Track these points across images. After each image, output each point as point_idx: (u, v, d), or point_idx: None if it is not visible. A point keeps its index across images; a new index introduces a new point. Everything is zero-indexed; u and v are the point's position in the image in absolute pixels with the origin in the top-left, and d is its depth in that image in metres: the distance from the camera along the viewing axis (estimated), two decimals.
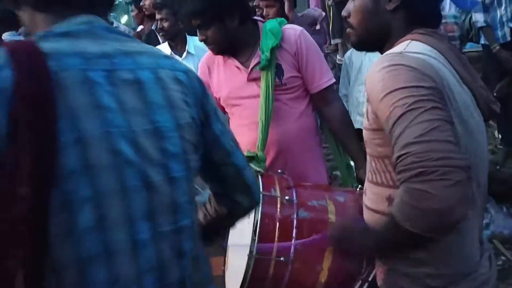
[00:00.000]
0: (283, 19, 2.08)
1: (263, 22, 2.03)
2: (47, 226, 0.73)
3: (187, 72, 0.95)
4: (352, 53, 3.23)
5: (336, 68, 5.31)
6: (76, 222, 0.75)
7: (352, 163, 2.13)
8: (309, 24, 5.16)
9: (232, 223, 1.23)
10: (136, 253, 0.81)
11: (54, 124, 0.72)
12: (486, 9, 3.66)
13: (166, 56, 0.97)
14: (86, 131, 0.76)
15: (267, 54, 1.89)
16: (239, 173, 1.06)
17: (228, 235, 1.75)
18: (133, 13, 5.12)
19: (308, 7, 6.45)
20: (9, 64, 0.72)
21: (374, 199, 1.14)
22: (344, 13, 1.22)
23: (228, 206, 1.12)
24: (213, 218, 1.15)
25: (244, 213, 1.17)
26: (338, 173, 3.05)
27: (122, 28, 5.48)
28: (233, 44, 1.93)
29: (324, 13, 5.64)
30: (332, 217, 1.54)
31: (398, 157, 0.93)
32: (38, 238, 0.72)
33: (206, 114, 0.96)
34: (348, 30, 1.23)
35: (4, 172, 0.70)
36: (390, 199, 1.08)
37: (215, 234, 1.25)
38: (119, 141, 0.79)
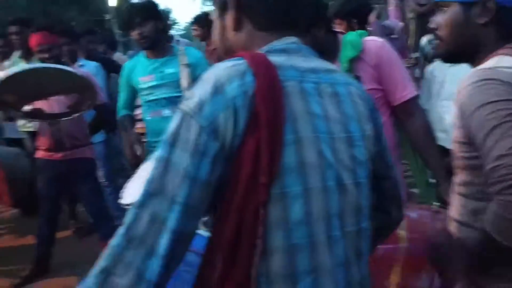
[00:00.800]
0: (364, 31, 2.07)
1: (343, 34, 2.03)
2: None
3: (365, 91, 1.06)
4: (434, 67, 3.12)
5: (416, 82, 5.19)
6: (289, 213, 0.85)
7: (432, 180, 2.05)
8: (387, 34, 5.22)
9: (383, 238, 1.25)
10: (330, 248, 0.89)
11: (283, 124, 0.84)
12: None
13: (350, 76, 1.09)
14: (302, 133, 0.86)
15: (345, 65, 1.89)
16: (396, 186, 1.12)
17: None
18: (194, 32, 4.96)
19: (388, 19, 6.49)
20: (250, 71, 0.85)
21: (461, 211, 1.13)
22: (432, 24, 1.21)
23: (381, 220, 1.13)
24: None
25: (394, 226, 1.20)
26: (416, 190, 2.96)
27: (183, 42, 5.47)
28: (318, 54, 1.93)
29: (402, 24, 5.67)
30: (401, 232, 1.50)
31: (490, 169, 0.93)
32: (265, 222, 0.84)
33: (377, 128, 1.05)
34: (436, 42, 1.22)
35: (246, 162, 0.82)
36: (475, 212, 1.07)
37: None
38: (323, 145, 0.89)
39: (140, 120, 3.06)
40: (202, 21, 4.58)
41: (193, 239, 0.86)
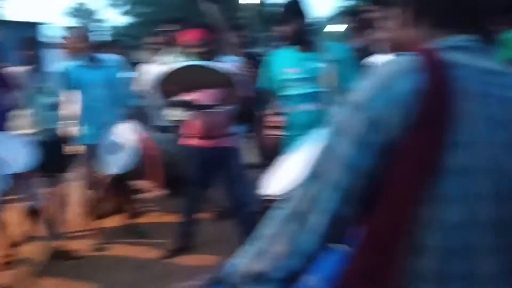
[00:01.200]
0: None
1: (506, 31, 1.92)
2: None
3: None
4: None
5: None
6: (446, 215, 0.83)
7: None
8: None
9: None
10: (488, 257, 0.87)
11: (448, 125, 0.81)
12: None
13: None
14: (467, 136, 0.83)
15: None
16: None
17: None
18: (349, 25, 4.86)
19: None
20: (421, 68, 0.83)
21: None
22: None
23: None
24: None
25: None
26: None
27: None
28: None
29: None
30: None
31: None
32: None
33: None
34: None
35: (406, 159, 0.82)
36: None
37: None
38: (487, 150, 0.84)
39: (280, 113, 3.18)
40: (353, 15, 4.58)
41: (350, 225, 0.89)
